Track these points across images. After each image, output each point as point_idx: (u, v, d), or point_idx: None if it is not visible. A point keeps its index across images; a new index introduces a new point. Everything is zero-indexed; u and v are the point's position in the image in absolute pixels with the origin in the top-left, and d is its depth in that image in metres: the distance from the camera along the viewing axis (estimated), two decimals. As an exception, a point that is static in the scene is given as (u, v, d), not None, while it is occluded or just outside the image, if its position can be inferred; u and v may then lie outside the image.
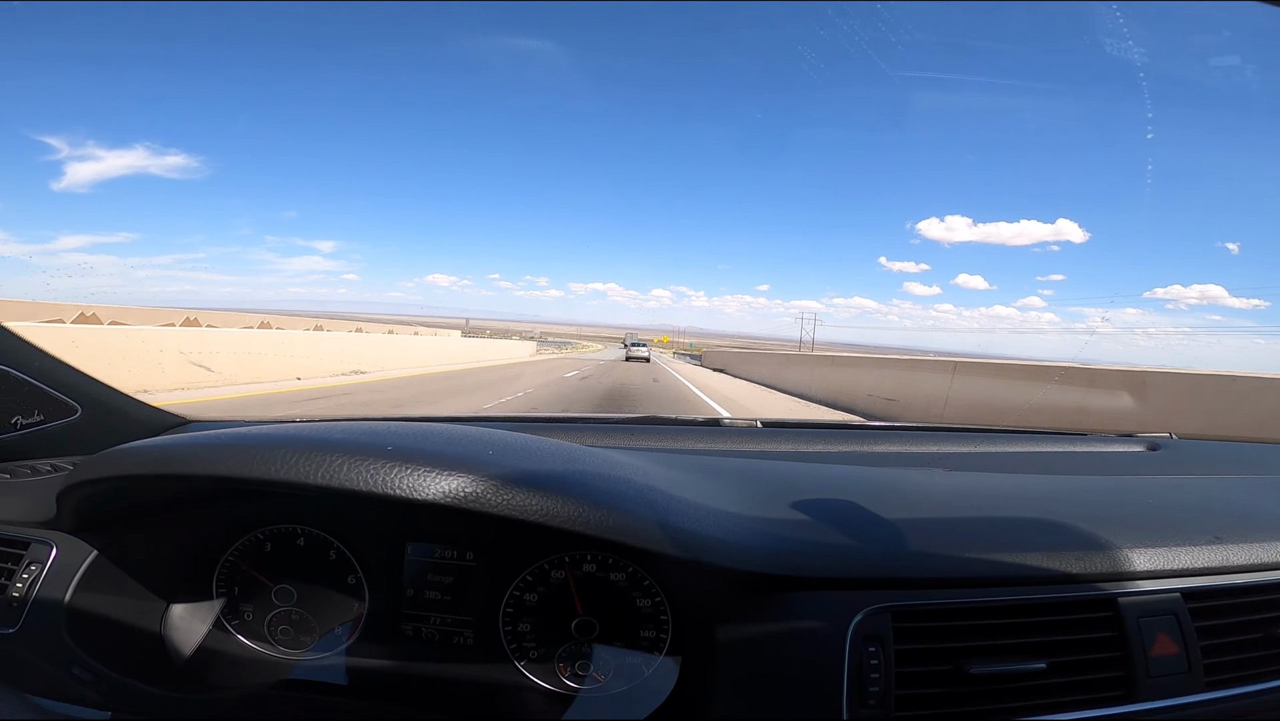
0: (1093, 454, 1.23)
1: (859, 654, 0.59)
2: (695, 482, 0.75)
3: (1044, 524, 0.73)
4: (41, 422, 0.92)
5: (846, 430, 1.34)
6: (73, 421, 0.95)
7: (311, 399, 8.09)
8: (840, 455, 1.10)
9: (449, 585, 0.76)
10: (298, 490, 0.59)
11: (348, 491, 0.57)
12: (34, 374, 0.90)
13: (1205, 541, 0.71)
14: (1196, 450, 1.28)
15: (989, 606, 0.63)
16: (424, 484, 0.56)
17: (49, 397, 0.92)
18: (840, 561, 0.64)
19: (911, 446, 1.17)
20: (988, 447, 1.21)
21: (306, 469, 0.58)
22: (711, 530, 0.63)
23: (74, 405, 0.96)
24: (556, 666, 0.73)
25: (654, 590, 0.73)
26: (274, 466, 0.58)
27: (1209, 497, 0.91)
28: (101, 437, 0.99)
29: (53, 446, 0.93)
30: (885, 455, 1.13)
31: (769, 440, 1.16)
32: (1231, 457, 1.28)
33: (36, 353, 0.91)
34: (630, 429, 1.20)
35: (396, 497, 0.56)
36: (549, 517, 0.57)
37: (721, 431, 1.23)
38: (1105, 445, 1.27)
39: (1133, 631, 0.63)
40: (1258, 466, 1.21)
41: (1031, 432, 1.37)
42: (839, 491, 0.80)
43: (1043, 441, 1.28)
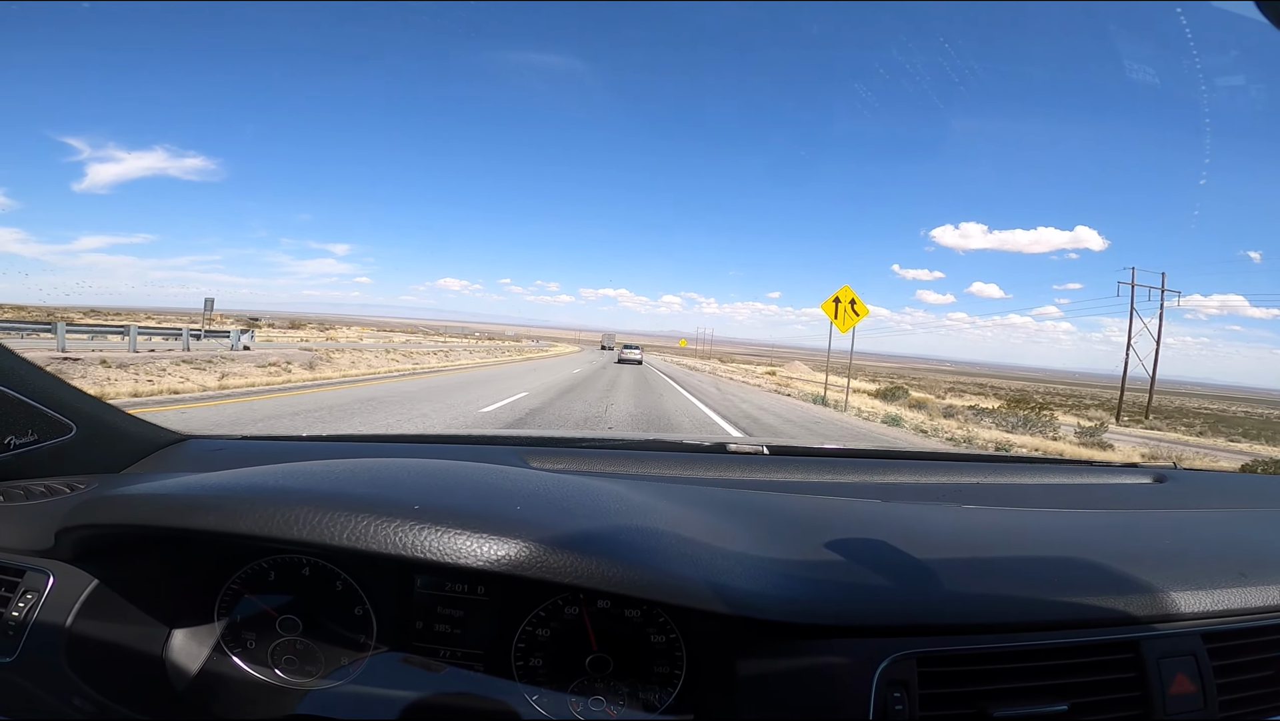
0: (1102, 486, 1.26)
1: (884, 699, 0.61)
2: (716, 523, 0.76)
3: (1064, 563, 0.76)
4: (35, 442, 0.91)
5: (854, 458, 1.36)
6: (67, 440, 0.95)
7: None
8: (849, 486, 1.12)
9: (459, 618, 0.77)
10: (321, 551, 0.59)
11: (375, 554, 0.57)
12: (28, 392, 0.89)
13: (1225, 583, 0.74)
14: (1202, 481, 1.33)
15: (1011, 651, 0.65)
16: (456, 548, 0.57)
17: (43, 416, 0.91)
18: (867, 608, 0.65)
19: (921, 477, 1.19)
20: (997, 479, 1.24)
21: (331, 530, 0.58)
22: (743, 582, 0.64)
23: (69, 424, 0.95)
24: (569, 701, 0.74)
25: (669, 627, 0.74)
26: (297, 526, 0.58)
27: (1221, 534, 0.95)
28: (96, 457, 1.00)
29: (47, 466, 0.93)
30: (896, 486, 1.15)
31: (777, 469, 1.18)
32: (1236, 489, 1.32)
33: (32, 370, 0.91)
34: (638, 454, 1.21)
35: (428, 561, 0.57)
36: (591, 581, 0.58)
37: (729, 459, 1.25)
38: (1113, 476, 1.31)
39: (1152, 672, 0.67)
40: (1263, 498, 1.25)
41: (1039, 461, 1.39)
42: (858, 529, 0.82)
43: (1051, 472, 1.31)
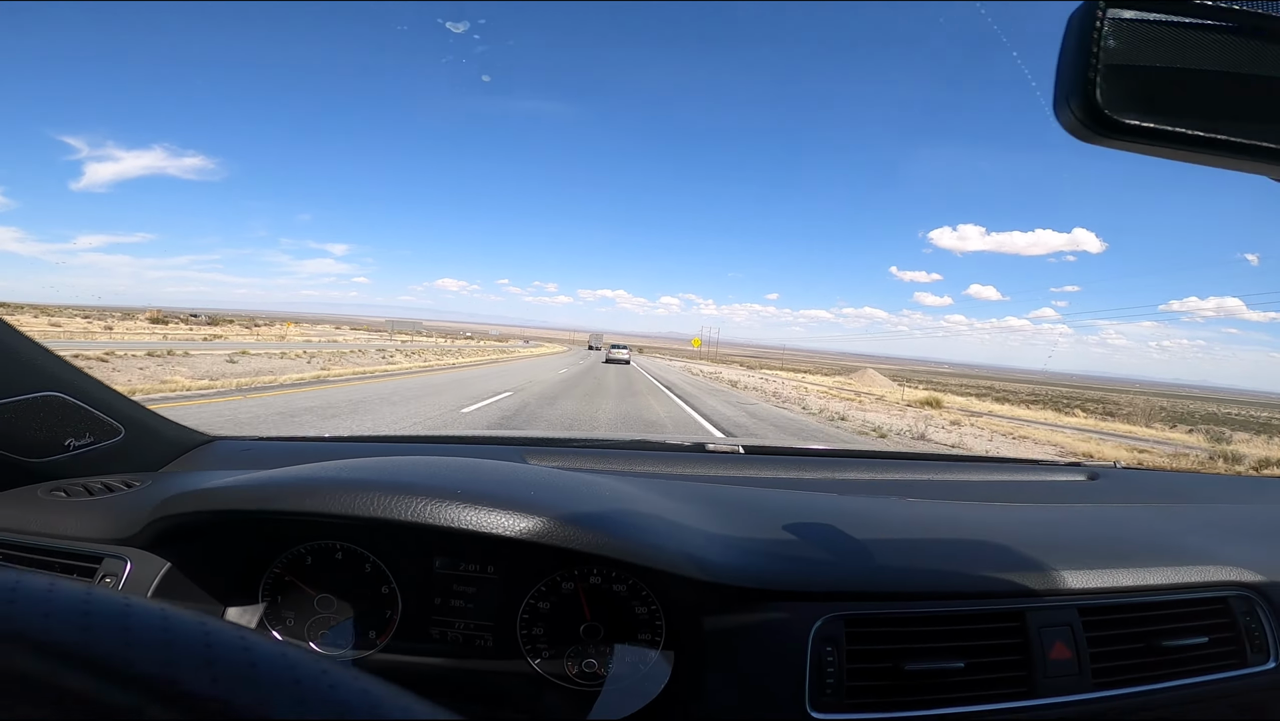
0: (1039, 482, 1.41)
1: (819, 653, 0.75)
2: (693, 510, 0.90)
3: (976, 546, 0.90)
4: (91, 444, 1.02)
5: (820, 457, 1.51)
6: (118, 442, 1.06)
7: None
8: (812, 481, 1.27)
9: (472, 594, 0.89)
10: (389, 526, 0.73)
11: (430, 526, 0.72)
12: (82, 397, 1.00)
13: (1105, 565, 0.88)
14: (1131, 479, 1.47)
15: (923, 616, 0.79)
16: (493, 522, 0.72)
17: (96, 420, 1.02)
18: (806, 578, 0.80)
19: (878, 474, 1.34)
20: (945, 476, 1.38)
21: (399, 508, 0.72)
22: (708, 554, 0.78)
23: (118, 426, 1.06)
24: (565, 664, 0.86)
25: (650, 599, 0.86)
26: (371, 506, 0.73)
27: (1121, 526, 1.08)
28: (140, 456, 1.12)
29: (100, 465, 1.04)
30: (854, 482, 1.30)
31: (750, 466, 1.32)
32: (1159, 487, 1.47)
33: (85, 377, 1.01)
34: (626, 453, 1.35)
35: (471, 532, 0.71)
36: (591, 548, 0.73)
37: (708, 457, 1.39)
38: (1051, 474, 1.46)
39: (1035, 639, 0.80)
40: (1181, 495, 1.40)
41: (987, 460, 1.54)
42: (811, 516, 0.96)
43: (995, 470, 1.46)
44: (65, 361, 1.00)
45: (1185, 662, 0.86)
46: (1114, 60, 0.43)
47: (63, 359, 1.00)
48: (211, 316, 58.02)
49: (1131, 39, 0.43)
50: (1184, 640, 0.86)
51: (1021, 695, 0.78)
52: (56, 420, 0.97)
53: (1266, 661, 0.90)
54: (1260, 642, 0.91)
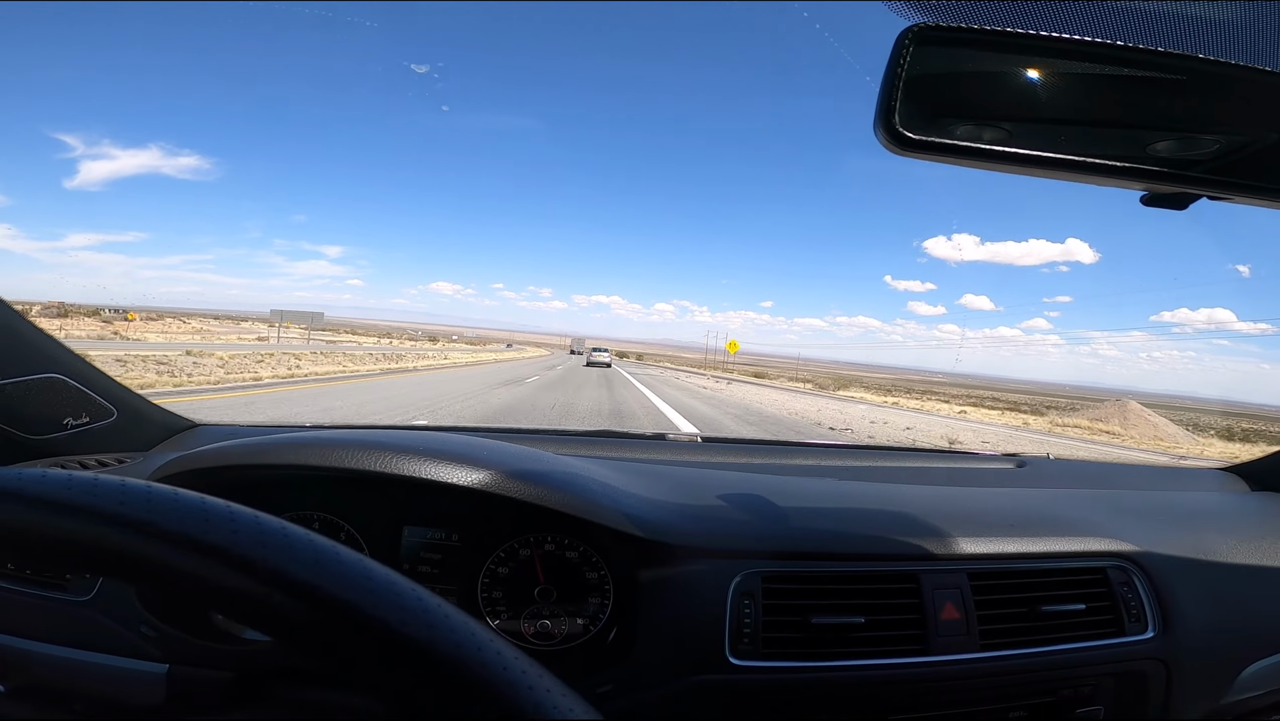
0: (971, 469, 1.52)
1: (738, 606, 0.85)
2: (635, 481, 1.00)
3: (884, 517, 1.00)
4: (87, 424, 1.10)
5: (773, 445, 1.62)
6: (111, 423, 1.14)
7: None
8: (760, 466, 1.37)
9: (438, 560, 0.96)
10: (361, 484, 0.84)
11: (394, 477, 0.82)
12: (80, 380, 1.08)
13: (995, 534, 0.97)
14: (1055, 467, 1.58)
15: (829, 574, 0.89)
16: (449, 474, 0.82)
17: (92, 402, 1.11)
18: (726, 537, 0.90)
19: (820, 461, 1.45)
20: (882, 462, 1.50)
21: (368, 461, 0.83)
22: (640, 512, 0.88)
23: (111, 408, 1.14)
24: (522, 624, 0.93)
25: (600, 565, 0.94)
26: (350, 459, 0.83)
27: (1024, 504, 1.18)
28: (130, 438, 1.19)
29: (95, 445, 1.12)
30: (798, 466, 1.40)
31: (705, 452, 1.43)
32: (1082, 474, 1.58)
33: (81, 361, 1.09)
34: (589, 440, 1.45)
35: (430, 482, 0.82)
36: (534, 499, 0.83)
37: (666, 445, 1.49)
38: (981, 462, 1.57)
39: (928, 599, 0.89)
40: (1099, 481, 1.51)
41: (925, 450, 1.65)
42: (746, 488, 1.06)
43: (931, 458, 1.57)
44: (65, 346, 1.08)
45: (1065, 629, 0.93)
46: (914, 85, 0.52)
47: (62, 344, 1.07)
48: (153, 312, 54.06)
49: (928, 67, 0.52)
50: (1062, 606, 0.94)
51: (917, 652, 0.87)
52: (57, 400, 1.05)
53: (1145, 631, 0.97)
54: (1137, 613, 0.98)
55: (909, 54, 0.52)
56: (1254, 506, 1.42)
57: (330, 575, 0.33)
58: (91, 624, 0.84)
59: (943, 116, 0.57)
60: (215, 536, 0.33)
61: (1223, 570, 1.09)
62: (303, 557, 0.33)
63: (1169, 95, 0.56)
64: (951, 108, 0.58)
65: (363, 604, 0.32)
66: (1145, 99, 0.56)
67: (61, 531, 0.32)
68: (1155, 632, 0.98)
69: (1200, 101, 0.56)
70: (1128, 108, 0.57)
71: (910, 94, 0.53)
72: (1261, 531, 1.20)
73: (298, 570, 0.32)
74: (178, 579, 0.32)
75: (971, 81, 0.58)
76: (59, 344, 1.06)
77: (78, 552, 0.32)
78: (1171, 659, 0.97)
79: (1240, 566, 1.10)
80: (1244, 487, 1.54)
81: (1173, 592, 1.01)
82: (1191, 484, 1.61)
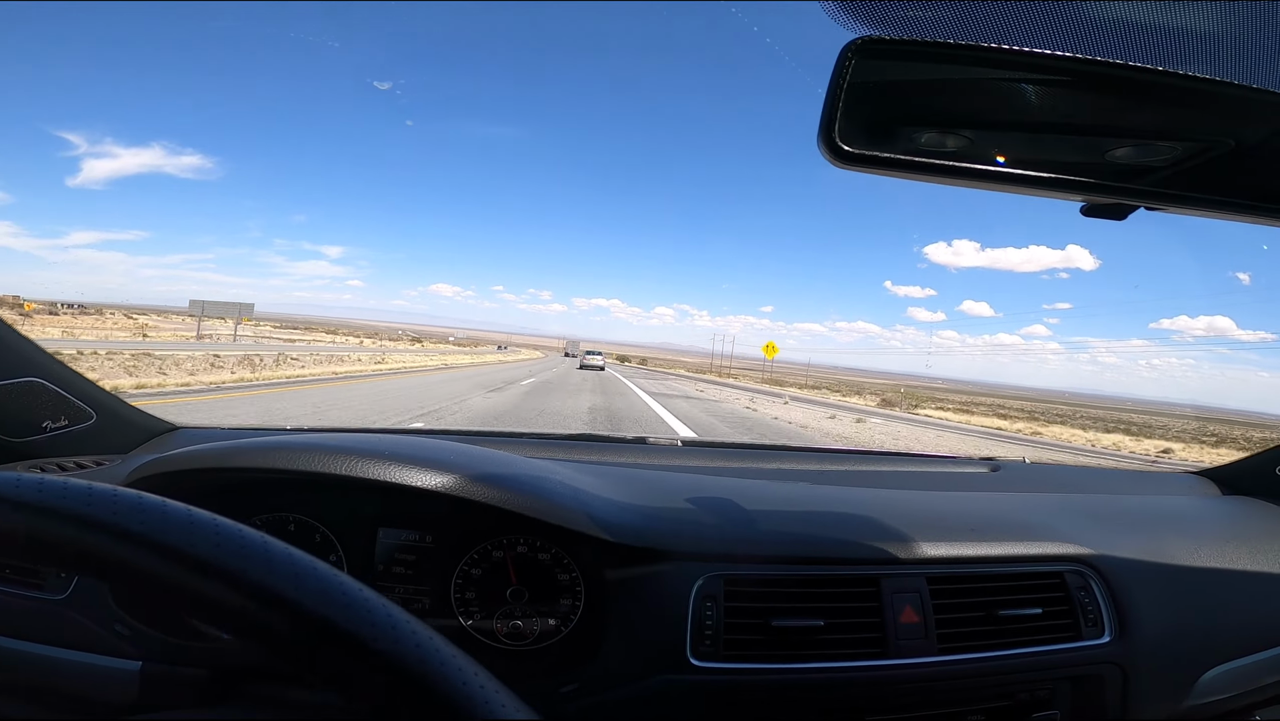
0: (945, 473, 1.53)
1: (700, 608, 0.86)
2: (605, 485, 1.01)
3: (847, 521, 1.01)
4: (66, 427, 1.11)
5: (748, 450, 1.63)
6: (90, 426, 1.15)
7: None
8: (738, 470, 1.38)
9: (411, 562, 0.97)
10: (334, 488, 0.86)
11: (361, 481, 0.84)
12: (59, 384, 1.08)
13: (957, 540, 0.98)
14: (1028, 472, 1.59)
15: (790, 577, 0.91)
16: (413, 478, 0.84)
17: (71, 405, 1.11)
18: (691, 541, 0.91)
19: (798, 465, 1.46)
20: (860, 467, 1.51)
21: (340, 465, 0.85)
22: (606, 516, 0.90)
23: (90, 412, 1.15)
24: (495, 624, 0.94)
25: (571, 567, 0.95)
26: (318, 463, 0.85)
27: (990, 508, 1.18)
28: (108, 441, 1.20)
29: (74, 447, 1.12)
30: (774, 470, 1.41)
31: (684, 457, 1.44)
32: (1054, 479, 1.59)
33: (58, 365, 1.10)
34: (570, 444, 1.46)
35: (396, 485, 0.84)
36: (498, 502, 0.85)
37: (647, 449, 1.50)
38: (956, 466, 1.58)
39: (887, 603, 0.90)
40: (1071, 486, 1.52)
41: (903, 455, 1.66)
42: (718, 492, 1.07)
43: (906, 463, 1.59)
44: (44, 350, 1.08)
45: (1022, 633, 0.94)
46: (855, 99, 0.53)
47: (42, 348, 1.08)
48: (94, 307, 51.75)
49: (871, 81, 0.53)
50: (1020, 610, 0.95)
51: (876, 655, 0.88)
52: (37, 404, 1.06)
53: (1101, 635, 0.98)
54: (1094, 617, 0.99)
55: (851, 67, 0.52)
56: (1222, 510, 1.43)
57: (298, 583, 0.37)
58: (67, 622, 0.85)
59: (884, 131, 0.58)
60: (174, 538, 0.36)
61: (1184, 574, 1.09)
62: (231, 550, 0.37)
63: (1118, 106, 0.57)
64: (894, 122, 0.59)
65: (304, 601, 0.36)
66: (1093, 110, 0.58)
67: (45, 533, 0.35)
68: (1111, 637, 0.99)
69: (1148, 113, 0.57)
70: (1074, 119, 0.58)
71: (852, 107, 0.53)
72: (1227, 535, 1.21)
73: (258, 573, 0.36)
74: (144, 580, 0.35)
75: (914, 95, 0.59)
76: (37, 347, 1.07)
77: (55, 552, 0.35)
78: (1128, 663, 0.98)
79: (1203, 570, 1.11)
80: (1215, 491, 1.54)
81: (1130, 597, 1.02)
82: (1163, 488, 1.61)
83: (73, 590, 0.86)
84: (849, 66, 0.53)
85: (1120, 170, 0.58)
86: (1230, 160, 0.57)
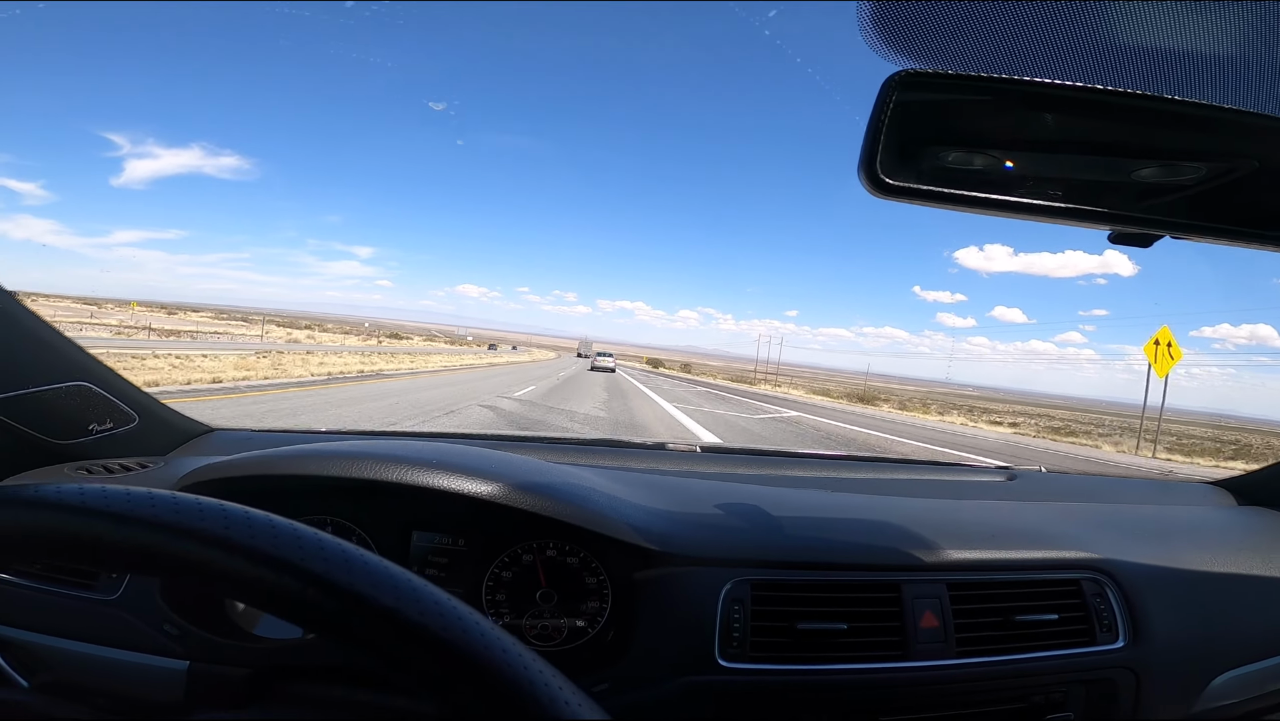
0: (960, 481, 1.55)
1: (728, 612, 0.89)
2: (633, 491, 1.05)
3: (869, 527, 1.04)
4: (111, 429, 1.15)
5: (767, 456, 1.65)
6: (133, 428, 1.19)
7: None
8: (758, 476, 1.41)
9: (445, 564, 0.99)
10: (374, 494, 0.89)
11: (408, 486, 0.88)
12: (104, 386, 1.12)
13: (976, 547, 1.01)
14: (1046, 481, 1.60)
15: (815, 583, 0.94)
16: (460, 486, 0.87)
17: (116, 408, 1.15)
18: (719, 547, 0.94)
19: (816, 472, 1.49)
20: (879, 474, 1.53)
21: (384, 472, 0.88)
22: (640, 522, 0.94)
23: (133, 414, 1.19)
24: (524, 625, 0.97)
25: (599, 570, 0.97)
26: (363, 470, 0.89)
27: (1008, 517, 1.21)
28: (149, 443, 1.24)
29: (118, 449, 1.16)
30: (792, 477, 1.44)
31: (704, 463, 1.47)
32: (1071, 488, 1.60)
33: (104, 368, 1.13)
34: (592, 449, 1.49)
35: (444, 491, 0.87)
36: (539, 510, 0.88)
37: (666, 454, 1.53)
38: (972, 475, 1.59)
39: (908, 608, 0.93)
40: (1088, 495, 1.54)
41: (921, 463, 1.67)
42: (737, 499, 1.10)
43: (923, 470, 1.60)
44: (90, 354, 1.12)
45: (1038, 638, 0.97)
46: (894, 133, 0.55)
47: (88, 352, 1.12)
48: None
49: (909, 115, 0.55)
50: (1036, 616, 0.98)
51: (897, 657, 0.91)
52: (84, 406, 1.09)
53: (1115, 641, 1.01)
54: (1109, 623, 1.01)
55: (893, 100, 0.54)
56: (1238, 520, 1.44)
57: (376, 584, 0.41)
58: (116, 621, 0.88)
59: (923, 162, 0.59)
60: (316, 565, 0.40)
61: (1198, 581, 1.12)
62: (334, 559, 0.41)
63: (1145, 133, 0.58)
64: (932, 154, 0.59)
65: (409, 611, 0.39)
66: (1121, 137, 0.59)
67: (132, 540, 0.39)
68: (1125, 642, 1.01)
69: (1169, 140, 0.58)
70: (1100, 147, 0.60)
71: (892, 140, 0.55)
72: (1240, 545, 1.23)
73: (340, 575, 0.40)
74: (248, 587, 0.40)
75: (954, 128, 0.60)
76: (85, 352, 1.11)
77: (162, 564, 0.39)
78: (1141, 667, 1.01)
79: (1216, 578, 1.13)
80: (1231, 501, 1.55)
81: (1144, 603, 1.04)
82: (1180, 497, 1.62)
83: (123, 590, 0.89)
84: (891, 99, 0.54)
85: (1145, 196, 0.59)
86: (1255, 180, 0.58)
